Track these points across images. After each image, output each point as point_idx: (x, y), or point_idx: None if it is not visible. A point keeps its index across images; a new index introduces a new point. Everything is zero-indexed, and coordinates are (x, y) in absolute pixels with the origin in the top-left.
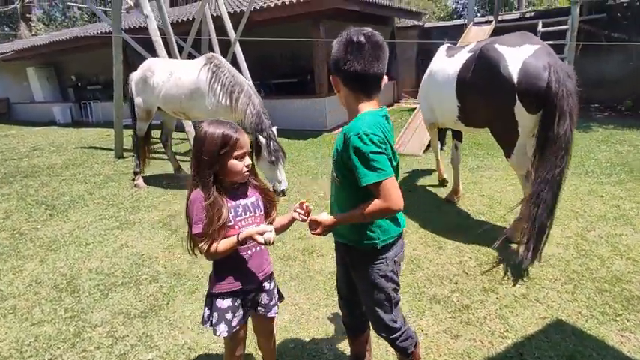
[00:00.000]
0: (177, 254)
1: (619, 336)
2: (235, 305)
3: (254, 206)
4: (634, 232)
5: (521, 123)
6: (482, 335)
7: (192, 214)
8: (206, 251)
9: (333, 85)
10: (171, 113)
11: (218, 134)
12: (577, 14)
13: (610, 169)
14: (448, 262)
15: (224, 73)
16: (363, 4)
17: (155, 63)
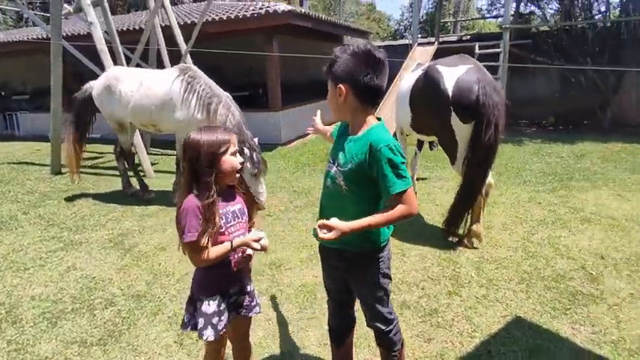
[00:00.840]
0: (134, 275)
1: (571, 329)
2: (221, 309)
3: (241, 212)
4: (570, 234)
5: (457, 132)
6: (453, 337)
7: (186, 222)
8: (198, 259)
9: (334, 93)
10: (140, 125)
11: (214, 137)
12: (507, 39)
13: (544, 178)
14: (413, 269)
15: (200, 85)
16: (315, 21)
17: (122, 71)
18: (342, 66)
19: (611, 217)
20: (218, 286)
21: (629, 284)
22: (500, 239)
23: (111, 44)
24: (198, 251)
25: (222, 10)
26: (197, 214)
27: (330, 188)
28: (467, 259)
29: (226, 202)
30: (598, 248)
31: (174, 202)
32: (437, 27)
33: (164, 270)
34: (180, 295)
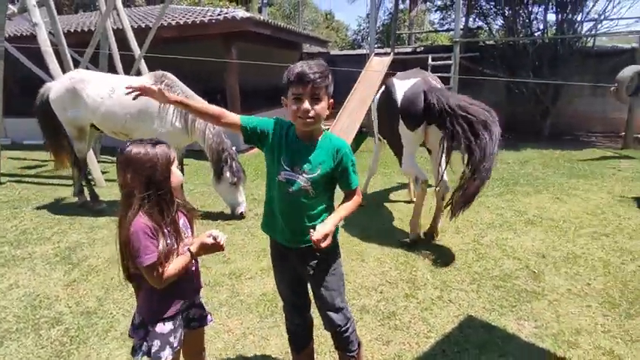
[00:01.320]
0: (83, 291)
1: (516, 324)
2: (176, 327)
3: (185, 227)
4: (515, 236)
5: (404, 137)
6: (410, 338)
7: (140, 244)
8: (160, 279)
9: (327, 105)
10: (109, 132)
11: (164, 150)
12: (458, 52)
13: (492, 184)
14: (372, 274)
15: (177, 93)
16: (274, 28)
17: (89, 75)
18: (330, 80)
19: (551, 219)
20: (170, 306)
21: (567, 280)
22: (453, 242)
23: (57, 46)
24: (158, 272)
25: (178, 15)
26: (149, 234)
27: (293, 194)
28: (423, 263)
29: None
30: (540, 248)
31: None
32: (392, 38)
33: (116, 285)
34: (133, 312)
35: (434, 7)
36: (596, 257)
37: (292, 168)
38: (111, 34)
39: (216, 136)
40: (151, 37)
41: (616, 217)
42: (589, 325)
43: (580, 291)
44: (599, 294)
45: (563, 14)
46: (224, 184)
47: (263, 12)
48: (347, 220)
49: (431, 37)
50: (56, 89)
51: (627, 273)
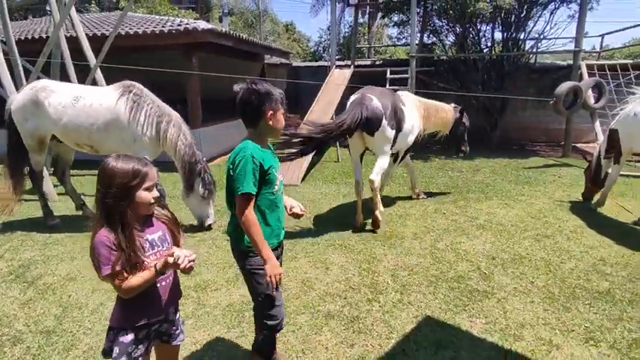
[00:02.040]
0: (40, 310)
1: (469, 322)
2: (139, 338)
3: (161, 240)
4: (468, 240)
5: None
6: (372, 340)
7: (99, 256)
8: (121, 289)
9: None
10: (73, 145)
11: (128, 168)
12: (414, 66)
13: (447, 191)
14: (336, 281)
15: (147, 103)
16: (236, 40)
17: (52, 84)
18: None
19: (499, 224)
20: (135, 318)
21: (514, 280)
22: (411, 248)
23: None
24: (119, 283)
25: (136, 24)
26: (108, 245)
27: (282, 191)
28: (384, 268)
29: (146, 232)
30: (490, 251)
31: None
32: (352, 51)
33: (75, 302)
34: (96, 328)
35: (391, 22)
36: (539, 257)
37: (276, 170)
38: (64, 42)
39: (189, 147)
40: (107, 46)
41: (556, 220)
42: (532, 319)
43: (525, 288)
44: (540, 290)
45: (508, 33)
46: (194, 197)
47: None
48: (312, 231)
49: (389, 50)
50: (18, 100)
51: (565, 270)
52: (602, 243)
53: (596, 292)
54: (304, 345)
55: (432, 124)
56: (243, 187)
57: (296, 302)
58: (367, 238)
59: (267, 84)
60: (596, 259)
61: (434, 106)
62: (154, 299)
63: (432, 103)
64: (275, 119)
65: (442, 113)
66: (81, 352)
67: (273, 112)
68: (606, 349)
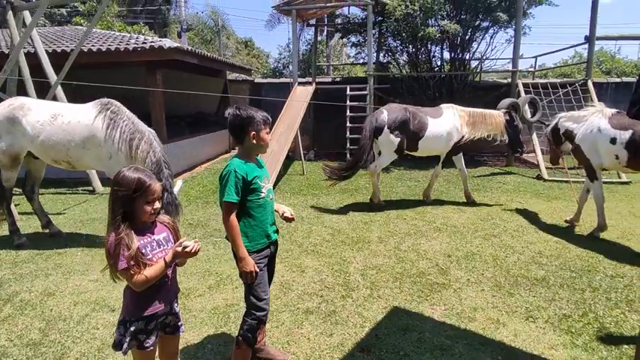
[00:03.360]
0: (22, 325)
1: (430, 309)
2: (149, 329)
3: (166, 240)
4: (427, 241)
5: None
6: (349, 329)
7: (114, 254)
8: (135, 282)
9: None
10: (50, 161)
11: (133, 179)
12: (372, 84)
13: (407, 199)
14: (312, 282)
15: (123, 120)
16: (200, 57)
17: (29, 102)
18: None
19: (454, 226)
20: (146, 308)
21: (467, 273)
22: (377, 250)
23: None
24: (130, 275)
25: (97, 40)
26: (120, 244)
27: (273, 198)
28: (354, 268)
29: (151, 234)
30: (446, 250)
31: None
32: (313, 69)
33: (58, 315)
34: (85, 337)
35: (349, 42)
36: (487, 253)
37: (264, 181)
38: (23, 58)
39: (155, 164)
40: (70, 63)
41: (502, 222)
42: (482, 304)
43: (476, 279)
44: (489, 280)
45: (455, 53)
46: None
47: (182, 37)
48: (285, 239)
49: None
50: None
51: (509, 263)
52: (540, 239)
53: (535, 279)
54: (288, 337)
55: (483, 129)
56: (226, 196)
57: (277, 302)
58: (336, 244)
59: (251, 109)
60: (535, 253)
61: (481, 113)
62: (160, 292)
63: (478, 112)
64: (258, 138)
65: (490, 119)
66: (73, 359)
67: (256, 133)
68: (542, 324)
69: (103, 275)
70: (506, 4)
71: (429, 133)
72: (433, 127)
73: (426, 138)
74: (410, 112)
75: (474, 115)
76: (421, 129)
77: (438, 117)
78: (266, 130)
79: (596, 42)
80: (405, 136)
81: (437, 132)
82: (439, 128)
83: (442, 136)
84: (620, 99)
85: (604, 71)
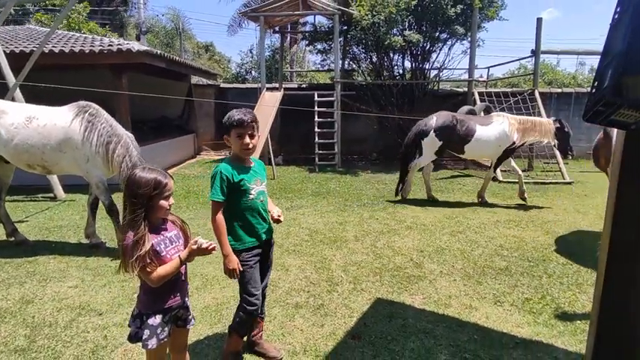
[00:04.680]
0: (5, 332)
1: (410, 299)
2: (164, 321)
3: (177, 237)
4: (400, 239)
5: None
6: (338, 320)
7: (127, 252)
8: (151, 278)
9: (257, 140)
10: (23, 166)
11: (152, 178)
12: (339, 90)
13: (377, 201)
14: (297, 279)
15: (101, 123)
16: (168, 61)
17: (4, 104)
18: (257, 121)
19: (422, 224)
20: (162, 302)
21: (439, 266)
22: (355, 248)
23: None
24: (147, 272)
25: (57, 41)
26: (136, 243)
27: (263, 200)
28: (336, 265)
29: (164, 231)
30: (418, 246)
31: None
32: (280, 75)
33: (42, 321)
34: (75, 340)
35: (315, 50)
36: (456, 248)
37: (254, 183)
38: None
39: (131, 169)
40: (31, 64)
41: (465, 219)
42: (456, 292)
43: (448, 271)
44: (459, 272)
45: (416, 63)
46: None
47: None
48: None
49: (310, 74)
50: None
51: (475, 256)
52: (500, 234)
53: (499, 269)
54: (282, 330)
55: (533, 135)
56: (211, 196)
57: (267, 299)
58: (315, 243)
59: (229, 113)
60: (497, 246)
61: (531, 121)
62: (174, 286)
63: (529, 119)
64: (230, 142)
65: (540, 126)
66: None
67: (227, 137)
68: (508, 307)
69: (82, 281)
70: (463, 18)
71: (475, 139)
72: (481, 134)
73: (472, 143)
74: (457, 119)
75: (524, 123)
76: (467, 135)
77: (487, 125)
78: (234, 134)
79: (541, 55)
80: (450, 140)
81: (484, 138)
82: (487, 134)
83: (490, 142)
84: (562, 107)
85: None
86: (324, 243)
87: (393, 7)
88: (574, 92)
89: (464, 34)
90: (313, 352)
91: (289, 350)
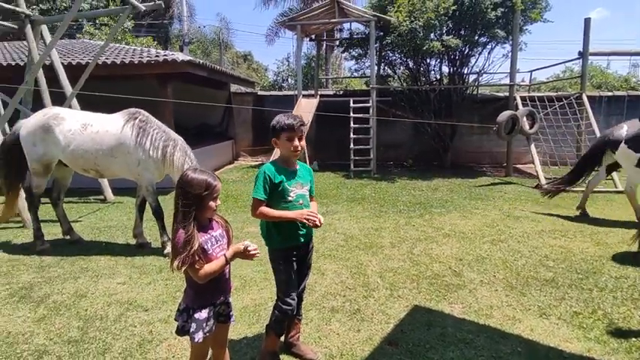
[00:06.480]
0: (59, 324)
1: (449, 307)
2: (209, 316)
3: (221, 236)
4: (437, 246)
5: None
6: (375, 326)
7: (177, 250)
8: (199, 275)
9: (303, 144)
10: (79, 170)
11: (203, 179)
12: (374, 96)
13: (413, 207)
14: (333, 283)
15: (153, 129)
16: (209, 70)
17: (63, 111)
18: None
19: (461, 232)
20: (208, 299)
21: (479, 275)
22: (391, 254)
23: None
24: (195, 270)
25: (109, 53)
26: (186, 241)
27: (303, 203)
28: (372, 271)
29: (211, 230)
30: (457, 254)
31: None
32: (315, 82)
33: (94, 315)
34: (124, 334)
35: (350, 56)
36: (497, 257)
37: (293, 186)
38: (40, 70)
39: None
40: (86, 75)
41: (507, 228)
42: (498, 303)
43: (489, 281)
44: (501, 282)
45: (454, 68)
46: None
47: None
48: None
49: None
50: (28, 125)
51: (519, 266)
52: (544, 244)
53: (544, 280)
54: (319, 333)
55: None
56: (254, 193)
57: (304, 302)
58: (351, 248)
59: (277, 117)
60: (541, 256)
61: None
62: (219, 284)
63: None
64: (278, 145)
65: None
66: (117, 354)
67: (276, 140)
68: (555, 320)
69: (129, 278)
70: (504, 21)
71: None
72: None
73: None
74: None
75: None
76: None
77: None
78: (284, 137)
79: (589, 57)
80: None
81: None
82: None
83: None
84: (613, 112)
85: (594, 85)
86: (360, 248)
87: (431, 12)
88: (626, 96)
89: (505, 38)
90: (350, 356)
91: (326, 353)
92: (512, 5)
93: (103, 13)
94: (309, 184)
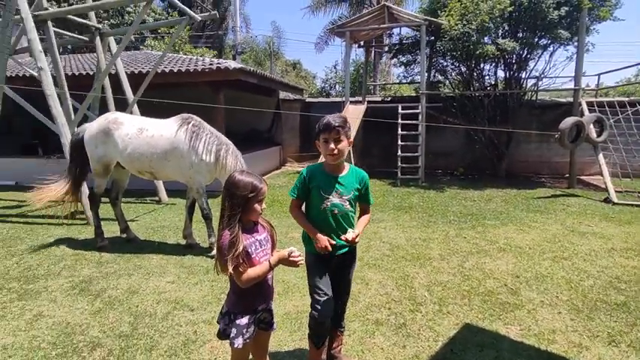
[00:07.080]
0: (113, 317)
1: (505, 328)
2: (250, 322)
3: (266, 240)
4: (491, 261)
5: None
6: (421, 342)
7: (221, 252)
8: (242, 279)
9: (347, 145)
10: (135, 172)
11: (250, 181)
12: (424, 102)
13: (464, 218)
14: (377, 294)
15: (205, 134)
16: (259, 77)
17: (122, 116)
18: (349, 126)
19: (518, 247)
20: (250, 305)
21: (539, 294)
22: (440, 267)
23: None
24: (239, 273)
25: (168, 62)
26: (231, 242)
27: (337, 212)
28: (419, 284)
29: (255, 233)
30: (513, 270)
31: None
32: (364, 88)
33: (143, 311)
34: (170, 332)
35: (399, 62)
36: (559, 276)
37: (329, 194)
38: (106, 79)
39: None
40: (147, 83)
41: (571, 244)
42: (561, 327)
43: (551, 302)
44: (565, 303)
45: (510, 72)
46: None
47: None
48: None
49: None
50: (92, 129)
51: (585, 287)
52: (616, 264)
53: (615, 304)
54: (362, 346)
55: None
56: (290, 192)
57: (346, 312)
58: (397, 259)
59: (322, 119)
60: (612, 278)
61: None
62: (262, 290)
63: None
64: (319, 146)
65: None
66: (163, 352)
67: (317, 142)
68: (625, 348)
69: (178, 277)
70: (568, 20)
71: None
72: None
73: None
74: None
75: None
76: None
77: None
78: (322, 138)
79: None
80: None
81: None
82: None
83: None
84: None
85: None
86: (406, 259)
87: (485, 14)
88: None
89: (569, 39)
90: None
91: None
92: (577, 3)
93: (163, 24)
94: (352, 194)
